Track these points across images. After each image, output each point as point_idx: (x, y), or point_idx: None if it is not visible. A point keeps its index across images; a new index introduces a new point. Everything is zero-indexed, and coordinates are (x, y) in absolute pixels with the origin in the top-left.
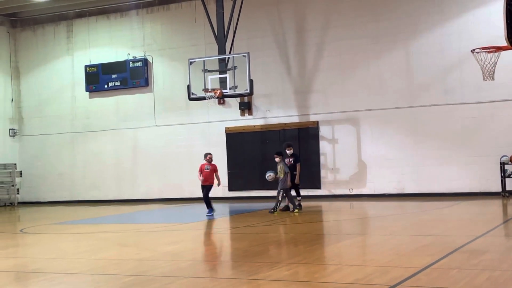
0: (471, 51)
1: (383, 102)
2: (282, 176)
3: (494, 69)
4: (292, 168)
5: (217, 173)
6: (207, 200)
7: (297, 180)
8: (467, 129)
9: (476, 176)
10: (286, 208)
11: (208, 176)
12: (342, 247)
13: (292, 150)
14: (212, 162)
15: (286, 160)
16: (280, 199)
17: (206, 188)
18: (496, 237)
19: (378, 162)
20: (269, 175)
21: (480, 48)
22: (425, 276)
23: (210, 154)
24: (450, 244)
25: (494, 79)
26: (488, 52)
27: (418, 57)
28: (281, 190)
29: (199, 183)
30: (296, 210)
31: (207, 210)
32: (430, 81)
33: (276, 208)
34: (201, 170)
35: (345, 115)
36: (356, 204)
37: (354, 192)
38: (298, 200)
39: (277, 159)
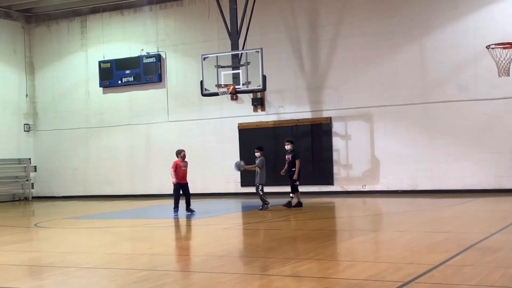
0: (486, 47)
1: (397, 98)
2: (258, 170)
3: (510, 65)
4: (291, 164)
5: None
6: (189, 199)
7: (295, 176)
8: (481, 126)
9: (490, 172)
10: (299, 204)
11: (185, 174)
12: (355, 243)
13: (290, 146)
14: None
15: (286, 156)
16: (261, 193)
17: (184, 186)
18: (510, 234)
19: (391, 159)
20: (239, 165)
21: (495, 44)
22: (439, 273)
23: (184, 150)
24: (464, 241)
25: (509, 75)
26: (504, 48)
27: (432, 53)
28: (260, 185)
29: (212, 179)
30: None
31: (175, 210)
32: (444, 77)
33: (266, 204)
34: (176, 167)
35: (358, 111)
36: (369, 200)
37: (367, 188)
38: (291, 197)
39: (257, 154)
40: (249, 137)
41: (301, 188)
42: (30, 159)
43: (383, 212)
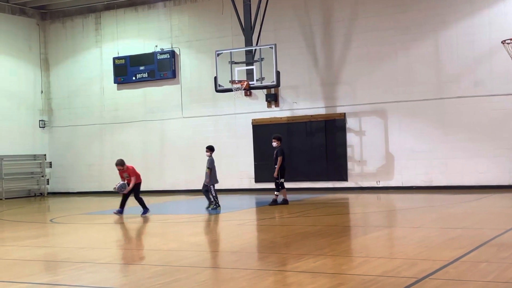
0: (501, 42)
1: (411, 94)
2: (208, 171)
3: None
4: (275, 161)
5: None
6: (123, 201)
7: (275, 174)
8: (497, 121)
9: (505, 168)
10: (275, 202)
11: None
12: (369, 239)
13: (276, 143)
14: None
15: (275, 152)
16: (213, 194)
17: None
18: None
19: (406, 154)
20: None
21: (510, 39)
22: (454, 269)
23: (118, 164)
24: (479, 237)
25: None
26: None
27: (447, 48)
28: (212, 186)
29: (225, 175)
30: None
31: (118, 209)
32: (459, 73)
33: (216, 203)
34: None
35: (372, 107)
36: (384, 196)
37: (381, 184)
38: (276, 195)
39: (207, 154)
40: (263, 133)
41: (315, 184)
42: (45, 155)
43: (398, 208)
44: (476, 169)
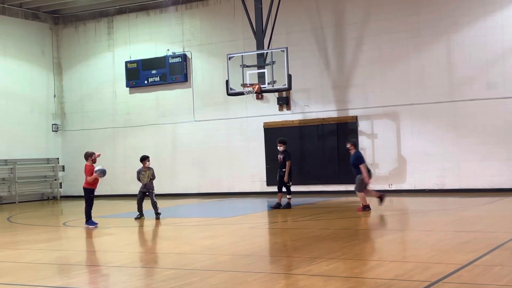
0: None
1: (424, 97)
2: (146, 181)
3: None
4: (281, 165)
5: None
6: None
7: (285, 179)
8: (510, 124)
9: None
10: (278, 206)
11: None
12: (382, 242)
13: (283, 147)
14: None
15: (278, 156)
16: (155, 199)
17: (93, 193)
18: None
19: (418, 157)
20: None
21: None
22: (467, 273)
23: (94, 153)
24: (492, 240)
25: None
26: None
27: (460, 51)
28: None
29: (237, 178)
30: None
31: (91, 221)
32: (472, 75)
33: (159, 214)
34: (92, 172)
35: (384, 110)
36: (396, 199)
37: (393, 187)
38: (289, 198)
39: (147, 164)
40: (275, 136)
41: (328, 187)
42: (58, 158)
43: (410, 211)
44: (489, 172)
